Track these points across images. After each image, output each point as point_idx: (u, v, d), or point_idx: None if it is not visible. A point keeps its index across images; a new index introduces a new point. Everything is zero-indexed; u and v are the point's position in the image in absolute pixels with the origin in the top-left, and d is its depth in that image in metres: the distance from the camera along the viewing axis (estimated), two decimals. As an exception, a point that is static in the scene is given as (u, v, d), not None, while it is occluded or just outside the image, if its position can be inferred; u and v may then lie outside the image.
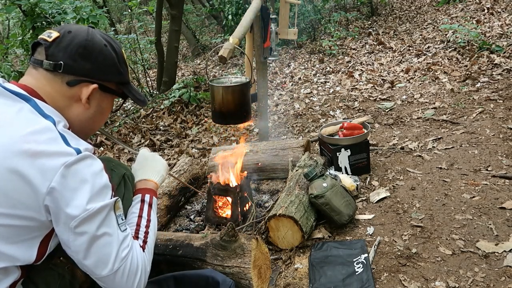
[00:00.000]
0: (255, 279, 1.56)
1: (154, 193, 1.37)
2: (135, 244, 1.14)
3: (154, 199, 1.35)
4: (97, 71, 1.16)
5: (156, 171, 1.44)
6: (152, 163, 1.47)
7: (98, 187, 1.04)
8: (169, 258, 1.72)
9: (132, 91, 1.31)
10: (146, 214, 1.28)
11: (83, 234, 1.01)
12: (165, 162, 1.51)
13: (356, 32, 7.00)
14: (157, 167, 1.46)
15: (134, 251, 1.12)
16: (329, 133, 2.60)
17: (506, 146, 2.55)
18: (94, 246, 1.03)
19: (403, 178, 2.39)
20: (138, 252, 1.13)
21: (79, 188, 1.00)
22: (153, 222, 1.29)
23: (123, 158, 3.62)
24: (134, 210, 1.29)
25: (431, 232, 1.85)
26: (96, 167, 1.05)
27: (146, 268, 1.15)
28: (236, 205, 2.11)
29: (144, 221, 1.26)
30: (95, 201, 1.02)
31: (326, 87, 4.73)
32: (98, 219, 1.03)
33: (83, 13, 3.90)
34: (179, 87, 4.70)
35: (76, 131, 1.13)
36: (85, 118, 1.18)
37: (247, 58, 2.48)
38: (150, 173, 1.43)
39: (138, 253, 1.13)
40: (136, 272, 1.10)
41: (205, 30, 10.43)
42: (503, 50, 4.37)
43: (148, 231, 1.24)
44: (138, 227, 1.23)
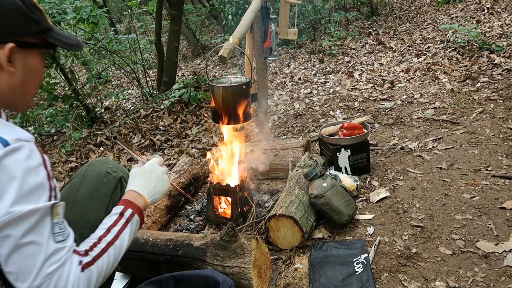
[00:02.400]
0: (255, 279, 1.56)
1: (139, 211, 1.17)
2: (71, 261, 0.94)
3: (135, 218, 1.15)
4: (5, 28, 0.98)
5: (155, 190, 1.26)
6: (156, 179, 1.28)
7: (29, 186, 0.89)
8: (169, 258, 1.72)
9: (59, 37, 1.10)
10: (116, 230, 1.09)
11: (7, 237, 0.87)
12: (169, 184, 1.34)
13: (356, 32, 7.00)
14: (158, 187, 1.27)
15: (66, 269, 0.92)
16: (329, 133, 2.60)
17: (506, 146, 2.55)
18: (17, 254, 0.88)
19: (403, 178, 2.39)
20: (73, 271, 0.93)
21: (5, 187, 0.86)
22: (120, 242, 1.08)
23: (123, 158, 3.62)
24: (106, 221, 1.11)
25: (431, 232, 1.85)
26: (32, 162, 0.90)
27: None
28: (236, 205, 2.11)
29: (110, 237, 1.07)
30: (22, 202, 0.87)
31: (326, 87, 4.73)
32: (25, 225, 0.88)
33: (83, 13, 3.90)
34: (179, 87, 4.69)
35: (11, 103, 1.02)
36: (15, 85, 1.02)
37: (247, 58, 2.48)
38: (146, 189, 1.24)
39: (72, 272, 0.93)
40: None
41: (205, 30, 10.43)
42: (503, 50, 4.36)
43: (107, 250, 1.04)
44: (98, 242, 1.05)
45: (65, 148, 3.87)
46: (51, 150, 4.27)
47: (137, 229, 1.18)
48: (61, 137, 4.56)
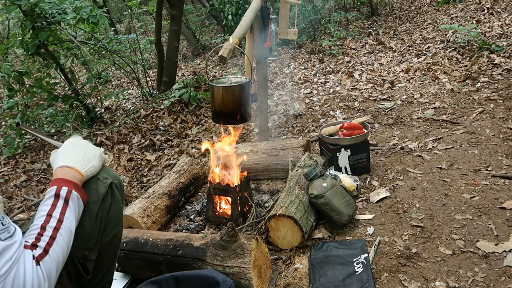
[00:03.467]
0: (255, 279, 1.56)
1: (74, 186, 1.08)
2: (24, 257, 0.89)
3: (73, 194, 1.06)
4: None
5: (85, 160, 1.14)
6: (82, 150, 1.17)
7: None
8: (169, 258, 1.72)
9: None
10: (58, 213, 1.01)
11: None
12: (101, 150, 1.24)
13: (356, 32, 7.00)
14: (88, 156, 1.16)
15: (21, 267, 0.87)
16: (329, 133, 2.60)
17: (506, 146, 2.55)
18: None
19: (403, 178, 2.39)
20: (29, 268, 0.88)
21: None
22: (67, 225, 1.01)
23: (122, 158, 3.62)
24: (43, 207, 1.02)
25: (431, 232, 1.85)
26: None
27: (41, 286, 0.90)
28: (236, 205, 2.11)
29: (54, 222, 0.99)
30: None
31: (326, 87, 4.73)
32: None
33: (83, 13, 3.89)
34: (179, 87, 4.69)
35: None
36: None
37: (247, 58, 2.48)
38: (75, 161, 1.13)
39: (28, 268, 0.88)
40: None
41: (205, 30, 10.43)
42: (503, 50, 4.36)
43: (56, 236, 0.97)
44: (43, 230, 0.97)
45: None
46: (51, 150, 4.27)
47: (81, 205, 1.10)
48: (61, 137, 4.56)
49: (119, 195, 1.30)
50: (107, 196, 1.25)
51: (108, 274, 1.35)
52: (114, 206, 1.27)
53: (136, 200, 2.34)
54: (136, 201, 2.30)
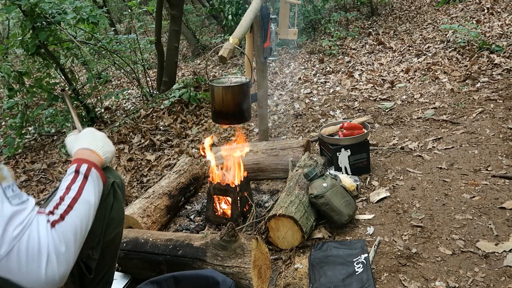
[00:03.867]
0: (255, 279, 1.56)
1: (95, 166, 1.10)
2: (38, 220, 0.90)
3: (93, 171, 1.07)
4: None
5: (104, 149, 1.18)
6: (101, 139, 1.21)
7: None
8: (169, 258, 1.72)
9: None
10: (77, 186, 1.03)
11: None
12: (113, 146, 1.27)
13: (356, 32, 7.00)
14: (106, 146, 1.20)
15: (34, 229, 0.87)
16: (329, 133, 2.60)
17: (506, 146, 2.55)
18: None
19: (403, 178, 2.39)
20: (42, 229, 0.88)
21: None
22: (86, 197, 1.02)
23: (122, 158, 3.62)
24: (63, 183, 1.04)
25: (431, 232, 1.85)
26: None
27: (58, 249, 0.89)
28: (236, 205, 2.11)
29: (72, 193, 1.01)
30: None
31: (326, 87, 4.73)
32: None
33: (83, 13, 3.90)
34: (179, 87, 4.69)
35: None
36: None
37: (247, 58, 2.48)
38: (96, 146, 1.16)
39: (42, 230, 0.88)
40: (39, 254, 0.86)
41: (205, 30, 10.43)
42: (503, 50, 4.36)
43: (73, 206, 0.98)
44: (61, 200, 0.99)
45: (65, 148, 3.86)
46: (51, 150, 4.27)
47: (101, 185, 1.10)
48: (61, 137, 4.56)
49: (121, 194, 1.31)
50: (110, 195, 1.26)
51: (108, 274, 1.36)
52: (116, 205, 1.28)
53: (136, 200, 2.34)
54: (136, 201, 2.30)
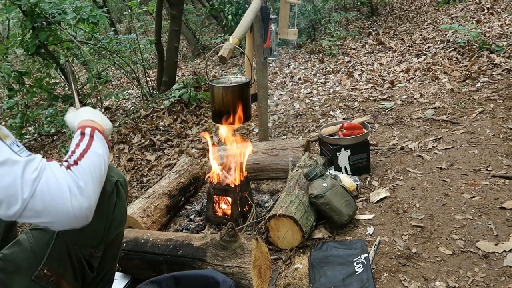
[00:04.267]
0: (255, 279, 1.56)
1: (98, 130, 1.12)
2: (50, 166, 0.92)
3: (97, 133, 1.10)
4: None
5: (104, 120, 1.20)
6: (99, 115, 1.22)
7: None
8: (169, 258, 1.72)
9: None
10: (85, 143, 1.05)
11: None
12: None
13: (356, 32, 7.00)
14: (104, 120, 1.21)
15: (49, 171, 0.91)
16: (329, 133, 2.60)
17: (506, 146, 2.55)
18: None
19: (403, 178, 2.39)
20: (57, 171, 0.92)
21: None
22: (94, 150, 1.05)
23: (122, 158, 3.62)
24: (71, 145, 1.07)
25: (431, 232, 1.85)
26: None
27: (78, 184, 0.93)
28: (236, 205, 2.11)
29: (82, 148, 1.04)
30: None
31: (326, 87, 4.73)
32: None
33: (83, 13, 3.89)
34: (179, 87, 4.69)
35: None
36: None
37: (247, 58, 2.48)
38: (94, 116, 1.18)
39: (56, 172, 0.92)
40: (61, 190, 0.89)
41: (205, 30, 10.43)
42: (503, 50, 4.36)
43: (86, 154, 1.01)
44: (72, 153, 1.02)
45: (65, 148, 3.86)
46: (51, 150, 4.27)
47: (105, 146, 1.12)
48: (61, 137, 4.56)
49: (123, 193, 1.31)
50: (113, 194, 1.26)
51: (110, 272, 1.37)
52: (119, 204, 1.28)
53: (136, 200, 2.34)
54: (136, 201, 2.30)
